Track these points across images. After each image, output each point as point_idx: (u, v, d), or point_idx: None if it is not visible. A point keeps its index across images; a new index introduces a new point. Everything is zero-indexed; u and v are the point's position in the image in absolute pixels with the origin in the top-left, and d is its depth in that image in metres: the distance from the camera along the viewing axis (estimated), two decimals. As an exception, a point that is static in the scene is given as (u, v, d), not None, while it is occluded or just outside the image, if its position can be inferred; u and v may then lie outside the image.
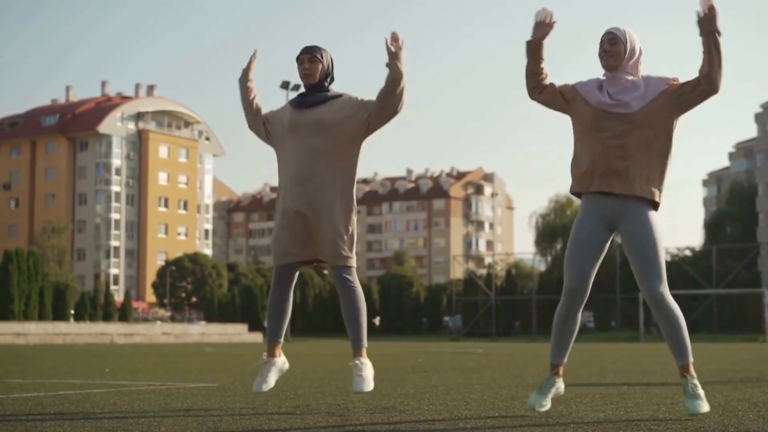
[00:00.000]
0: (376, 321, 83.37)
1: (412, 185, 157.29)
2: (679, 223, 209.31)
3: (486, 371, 12.11)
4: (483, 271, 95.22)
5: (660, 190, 5.45)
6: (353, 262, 5.99)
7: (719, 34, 5.27)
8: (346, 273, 5.97)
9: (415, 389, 8.22)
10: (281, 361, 6.19)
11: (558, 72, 5.86)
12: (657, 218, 5.44)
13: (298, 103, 6.08)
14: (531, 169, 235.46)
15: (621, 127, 5.37)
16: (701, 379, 5.82)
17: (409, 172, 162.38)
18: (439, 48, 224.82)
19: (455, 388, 8.45)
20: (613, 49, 5.44)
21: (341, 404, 6.53)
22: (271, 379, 6.10)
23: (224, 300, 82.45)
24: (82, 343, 42.41)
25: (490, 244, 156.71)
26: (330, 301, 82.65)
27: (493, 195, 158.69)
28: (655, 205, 5.44)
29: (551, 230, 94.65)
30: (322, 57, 6.11)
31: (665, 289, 5.36)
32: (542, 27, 5.64)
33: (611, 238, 5.58)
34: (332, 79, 6.18)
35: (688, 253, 77.54)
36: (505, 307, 70.94)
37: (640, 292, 37.54)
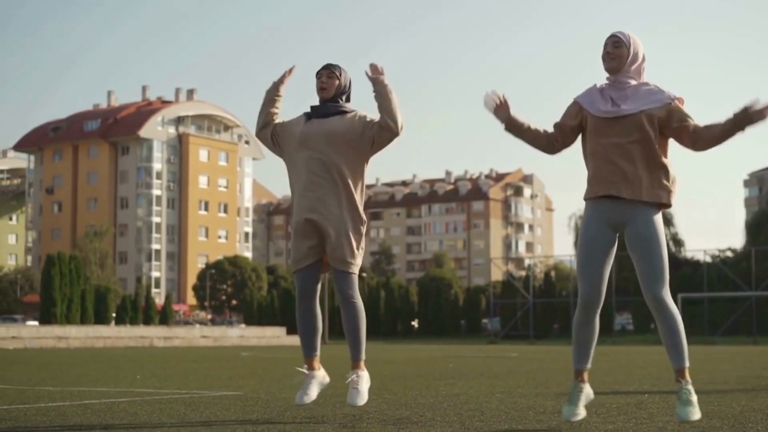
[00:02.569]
0: (414, 324, 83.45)
1: (451, 187, 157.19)
2: (719, 224, 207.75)
3: (511, 378, 12.16)
4: (522, 273, 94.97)
5: (668, 191, 5.50)
6: (355, 269, 6.10)
7: (742, 131, 5.33)
8: (347, 285, 6.10)
9: (435, 398, 8.30)
10: (321, 374, 6.33)
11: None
12: (661, 221, 5.51)
13: (310, 115, 6.26)
14: (570, 171, 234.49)
15: (623, 130, 5.42)
16: (727, 385, 5.84)
17: (448, 174, 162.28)
18: (479, 50, 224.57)
19: (475, 397, 8.52)
20: (617, 51, 5.49)
21: (357, 415, 6.62)
22: (313, 392, 6.24)
23: (264, 303, 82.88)
24: (122, 346, 42.81)
25: (529, 246, 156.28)
26: (369, 304, 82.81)
27: (532, 196, 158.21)
28: (662, 206, 5.52)
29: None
30: (340, 75, 6.25)
31: (667, 293, 5.43)
32: (500, 110, 5.77)
33: (617, 240, 5.64)
34: (348, 99, 6.32)
35: (729, 254, 76.82)
36: (543, 309, 70.74)
37: (678, 295, 37.21)
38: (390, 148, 6.30)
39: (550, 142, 5.74)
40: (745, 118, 5.28)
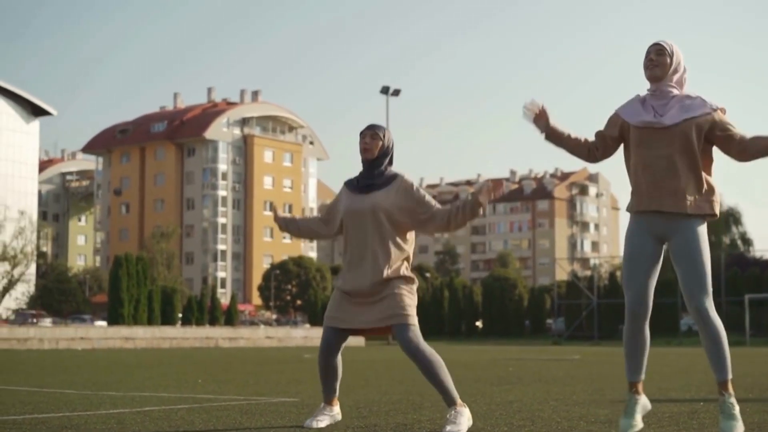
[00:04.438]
0: (478, 324, 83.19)
1: (515, 186, 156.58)
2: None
3: (568, 383, 12.16)
4: (587, 273, 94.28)
5: (712, 202, 5.48)
6: (414, 321, 6.08)
7: None
8: (408, 333, 6.04)
9: (488, 406, 8.35)
10: (336, 410, 6.46)
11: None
12: (705, 233, 5.47)
13: (354, 188, 6.28)
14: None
15: (666, 141, 5.42)
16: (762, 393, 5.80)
17: (513, 173, 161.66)
18: (544, 49, 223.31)
19: (528, 405, 8.56)
20: (660, 59, 5.48)
21: (409, 424, 6.70)
22: (323, 421, 6.31)
23: (327, 303, 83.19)
24: (188, 347, 43.35)
25: (595, 245, 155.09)
26: (433, 305, 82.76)
27: (597, 195, 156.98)
28: (707, 217, 5.49)
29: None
30: (383, 136, 6.26)
31: (710, 304, 5.40)
32: (540, 119, 5.81)
33: (664, 250, 5.64)
34: (391, 160, 6.33)
35: None
36: (608, 309, 70.12)
37: (745, 296, 36.61)
38: (454, 147, 6.33)
39: (590, 152, 5.78)
40: None
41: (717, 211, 5.50)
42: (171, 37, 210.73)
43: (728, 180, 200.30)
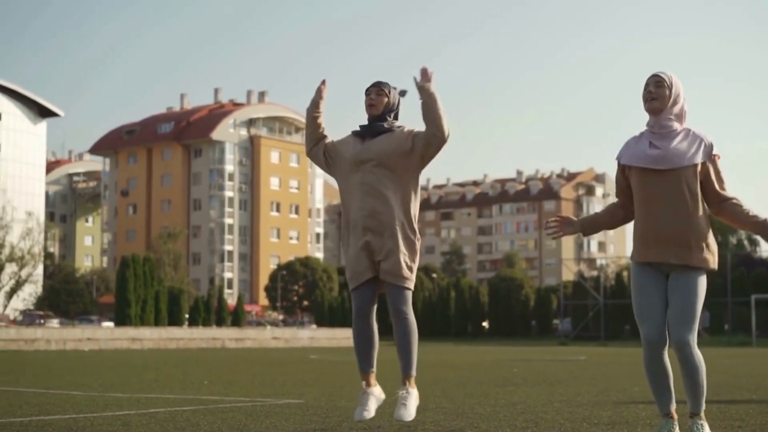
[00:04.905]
0: (485, 325, 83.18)
1: (522, 187, 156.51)
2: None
3: (573, 385, 12.20)
4: (594, 273, 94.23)
5: (714, 256, 5.41)
6: (410, 285, 6.10)
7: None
8: (401, 300, 6.08)
9: (492, 408, 8.40)
10: (378, 390, 6.30)
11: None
12: (704, 281, 5.39)
13: (359, 135, 6.31)
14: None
15: (670, 184, 5.35)
16: None
17: (519, 173, 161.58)
18: (551, 51, 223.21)
19: (532, 406, 8.61)
20: (659, 91, 5.39)
21: (412, 425, 6.75)
22: (372, 408, 6.21)
23: (334, 304, 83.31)
24: (195, 347, 43.43)
25: (601, 246, 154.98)
26: (440, 305, 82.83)
27: (604, 196, 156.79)
28: (708, 272, 5.41)
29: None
30: (389, 92, 6.31)
31: (693, 339, 5.28)
32: (568, 227, 5.97)
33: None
34: (396, 117, 6.36)
35: None
36: (614, 310, 70.10)
37: (752, 296, 36.37)
38: (460, 148, 6.29)
39: (625, 212, 5.69)
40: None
41: (714, 266, 5.39)
42: (177, 37, 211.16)
43: (734, 181, 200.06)
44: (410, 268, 6.13)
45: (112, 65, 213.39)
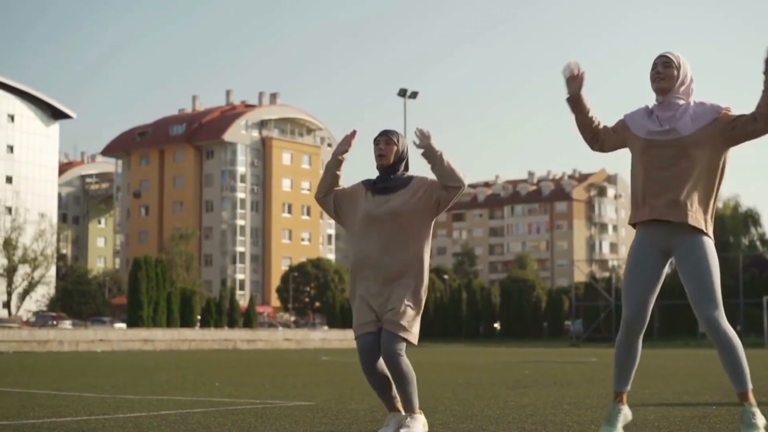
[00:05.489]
0: (496, 326, 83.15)
1: (533, 188, 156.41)
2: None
3: (583, 387, 12.22)
4: (606, 275, 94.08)
5: (709, 223, 5.41)
6: (407, 336, 5.95)
7: None
8: (396, 346, 5.94)
9: (502, 410, 8.42)
10: (401, 416, 6.18)
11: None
12: (711, 245, 5.38)
13: (372, 189, 6.23)
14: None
15: (672, 152, 5.36)
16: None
17: (531, 174, 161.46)
18: (559, 51, 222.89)
19: (542, 408, 8.63)
20: (667, 71, 5.43)
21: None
22: (392, 427, 6.15)
23: (346, 305, 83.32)
24: (207, 349, 43.52)
25: (613, 247, 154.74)
26: (451, 306, 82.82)
27: (616, 197, 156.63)
28: (705, 233, 5.39)
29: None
30: (398, 141, 6.22)
31: (721, 315, 5.30)
32: (573, 81, 5.67)
33: (668, 264, 5.57)
34: (407, 165, 6.30)
35: None
36: (626, 311, 69.96)
37: (764, 297, 36.04)
38: (472, 149, 6.24)
39: (594, 137, 5.70)
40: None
41: (709, 232, 5.39)
42: (189, 39, 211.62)
43: (746, 181, 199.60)
44: (412, 322, 6.00)
45: (125, 67, 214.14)
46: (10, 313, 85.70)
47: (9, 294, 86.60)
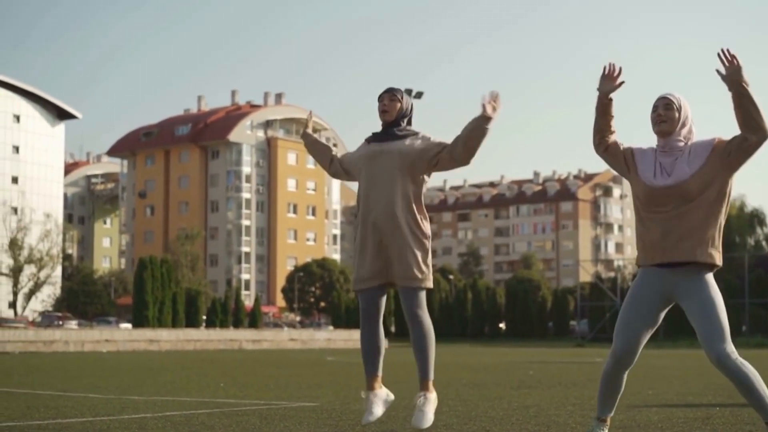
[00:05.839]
0: (502, 326, 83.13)
1: (539, 188, 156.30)
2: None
3: (587, 387, 12.21)
4: (612, 275, 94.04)
5: (719, 251, 5.36)
6: (422, 284, 6.10)
7: (747, 84, 5.16)
8: (415, 303, 6.09)
9: (506, 411, 8.44)
10: (383, 392, 6.36)
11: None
12: (713, 281, 5.32)
13: (373, 140, 6.38)
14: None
15: (676, 201, 5.31)
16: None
17: (536, 174, 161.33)
18: (564, 51, 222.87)
19: (546, 409, 8.64)
20: (668, 114, 5.38)
21: (424, 430, 6.78)
22: (377, 410, 6.28)
23: (351, 305, 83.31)
24: (212, 349, 43.56)
25: (619, 247, 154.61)
26: (456, 306, 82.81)
27: (621, 196, 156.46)
28: (714, 267, 5.35)
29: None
30: (402, 98, 6.34)
31: (730, 349, 5.18)
32: (608, 81, 5.56)
33: (667, 308, 5.50)
34: (409, 122, 6.39)
35: None
36: (632, 311, 69.95)
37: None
38: (479, 149, 6.27)
39: (603, 141, 5.62)
40: (728, 77, 5.16)
41: (719, 262, 5.35)
42: (194, 39, 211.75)
43: (752, 181, 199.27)
44: (422, 267, 6.11)
45: (130, 67, 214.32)
46: (15, 313, 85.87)
47: (15, 294, 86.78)
